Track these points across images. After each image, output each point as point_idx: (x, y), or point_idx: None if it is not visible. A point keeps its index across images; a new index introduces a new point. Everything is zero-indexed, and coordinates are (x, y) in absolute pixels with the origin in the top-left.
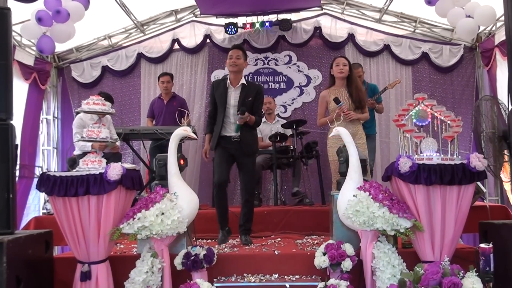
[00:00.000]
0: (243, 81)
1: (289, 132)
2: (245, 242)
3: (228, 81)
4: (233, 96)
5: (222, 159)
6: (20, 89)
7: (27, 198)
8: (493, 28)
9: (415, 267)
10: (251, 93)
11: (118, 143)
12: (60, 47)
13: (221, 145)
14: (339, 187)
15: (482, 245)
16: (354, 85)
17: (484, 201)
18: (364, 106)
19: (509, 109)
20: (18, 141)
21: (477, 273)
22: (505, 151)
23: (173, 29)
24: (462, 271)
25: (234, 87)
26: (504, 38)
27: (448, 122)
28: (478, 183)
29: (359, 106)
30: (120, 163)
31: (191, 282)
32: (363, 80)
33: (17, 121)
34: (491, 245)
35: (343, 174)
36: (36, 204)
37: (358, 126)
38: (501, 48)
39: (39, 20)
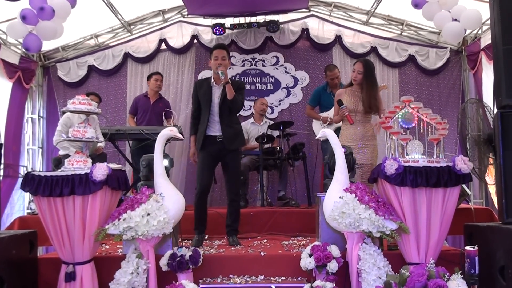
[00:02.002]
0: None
1: (276, 133)
2: (233, 242)
3: (211, 79)
4: (217, 94)
5: (205, 165)
6: (3, 88)
7: (10, 198)
8: (479, 32)
9: (401, 269)
10: (233, 88)
11: (102, 144)
12: (46, 46)
13: (205, 147)
14: (325, 189)
15: (467, 247)
16: (365, 91)
17: (469, 203)
18: (376, 111)
19: (495, 112)
20: (1, 140)
21: (462, 276)
22: (490, 154)
23: (161, 29)
24: (448, 274)
25: (218, 85)
26: (489, 41)
27: (434, 124)
28: (463, 185)
29: (369, 111)
30: (105, 163)
31: (177, 283)
32: (340, 82)
33: (1, 120)
34: (476, 248)
35: (329, 176)
36: (20, 204)
37: (368, 128)
38: (487, 52)
39: (24, 18)
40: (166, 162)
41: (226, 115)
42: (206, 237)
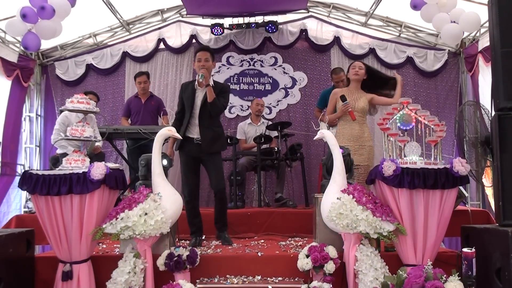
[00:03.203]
0: (210, 81)
1: (274, 133)
2: (225, 240)
3: (196, 82)
4: (200, 97)
5: (188, 168)
6: (1, 86)
7: (5, 196)
8: (477, 34)
9: (398, 270)
10: (215, 91)
11: (100, 143)
12: (44, 45)
13: (184, 148)
14: (323, 190)
15: (465, 249)
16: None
17: (466, 205)
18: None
19: (492, 115)
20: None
21: (460, 277)
22: (487, 156)
23: (159, 28)
24: (445, 275)
25: (201, 87)
26: (487, 44)
27: (432, 126)
28: (460, 187)
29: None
30: (103, 162)
31: (174, 283)
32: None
33: None
34: (473, 250)
35: (326, 177)
36: (17, 202)
37: (365, 129)
38: (484, 54)
39: (24, 16)
40: (165, 162)
41: (206, 117)
42: (203, 237)
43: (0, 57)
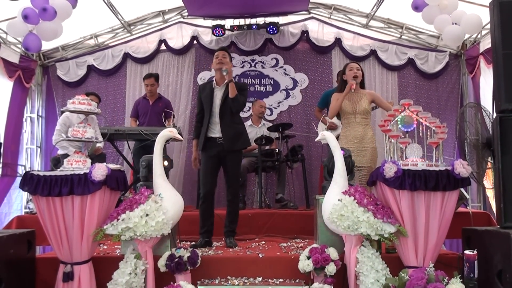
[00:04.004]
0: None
1: (274, 135)
2: (230, 244)
3: (214, 81)
4: (219, 96)
5: (208, 168)
6: (3, 86)
7: (6, 197)
8: (478, 36)
9: (400, 272)
10: (236, 88)
11: (101, 144)
12: (46, 46)
13: (206, 149)
14: (324, 191)
15: (467, 251)
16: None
17: (467, 207)
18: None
19: (493, 117)
20: (1, 139)
21: (461, 280)
22: (488, 158)
23: (160, 29)
24: (447, 277)
25: (220, 86)
26: (489, 46)
27: (433, 128)
28: (461, 189)
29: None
30: (104, 163)
31: (175, 284)
32: None
33: (1, 119)
34: (475, 252)
35: (327, 178)
36: (18, 203)
37: (368, 130)
38: (486, 56)
39: (25, 17)
40: (165, 163)
41: (227, 115)
42: (213, 245)
43: (1, 58)
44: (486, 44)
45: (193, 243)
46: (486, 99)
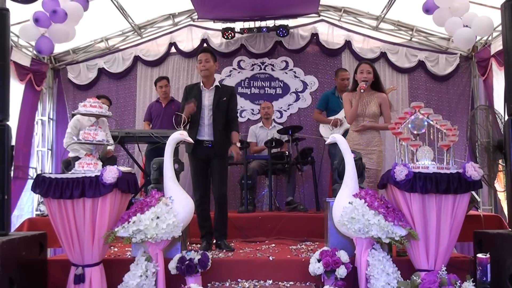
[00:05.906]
0: (216, 83)
1: (285, 138)
2: (226, 247)
3: (201, 84)
4: (207, 97)
5: (198, 172)
6: (15, 89)
7: (19, 199)
8: (489, 38)
9: (412, 276)
10: (225, 94)
11: (112, 147)
12: (57, 49)
13: (195, 152)
14: (334, 194)
15: (479, 255)
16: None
17: (478, 210)
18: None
19: (505, 119)
20: (13, 142)
21: (474, 283)
22: (500, 161)
23: (170, 32)
24: (459, 281)
25: (208, 89)
26: (500, 48)
27: (444, 131)
28: (473, 192)
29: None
30: (116, 166)
31: (185, 286)
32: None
33: (13, 122)
34: (488, 255)
35: (338, 181)
36: (29, 205)
37: (375, 133)
38: (498, 58)
39: (36, 21)
40: (176, 166)
41: (219, 118)
42: (214, 241)
43: (13, 61)
44: (497, 46)
45: (198, 245)
46: (501, 102)
